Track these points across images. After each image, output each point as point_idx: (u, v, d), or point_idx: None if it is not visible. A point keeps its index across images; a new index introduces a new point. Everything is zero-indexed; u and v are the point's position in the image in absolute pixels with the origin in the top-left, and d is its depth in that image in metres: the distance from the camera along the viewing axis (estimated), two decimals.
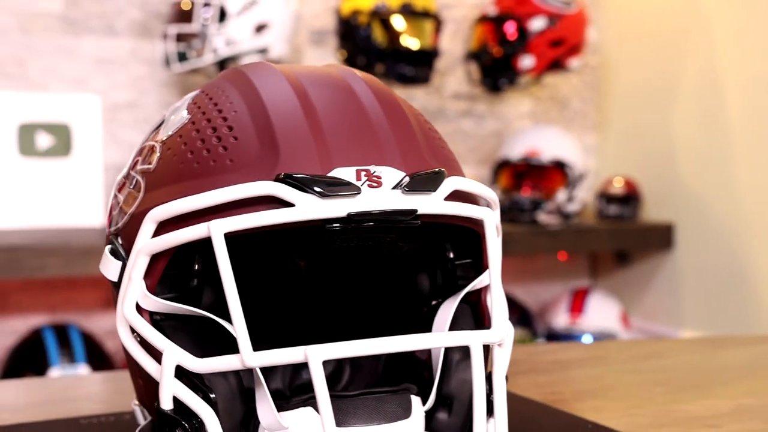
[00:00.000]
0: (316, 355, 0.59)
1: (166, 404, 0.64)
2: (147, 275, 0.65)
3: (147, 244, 0.64)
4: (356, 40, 2.57)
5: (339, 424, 0.63)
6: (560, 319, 2.91)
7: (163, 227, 0.64)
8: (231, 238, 0.71)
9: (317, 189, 0.61)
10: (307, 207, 0.61)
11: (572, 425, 0.84)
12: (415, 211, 0.63)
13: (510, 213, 2.76)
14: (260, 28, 2.41)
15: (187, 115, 0.69)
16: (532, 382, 1.03)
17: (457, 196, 0.67)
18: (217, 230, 0.61)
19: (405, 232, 0.66)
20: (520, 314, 2.88)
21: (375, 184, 0.63)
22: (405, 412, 0.65)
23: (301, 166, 0.63)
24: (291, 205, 0.61)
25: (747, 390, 1.01)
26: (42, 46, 2.46)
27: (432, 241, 0.76)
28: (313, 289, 0.87)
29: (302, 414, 0.63)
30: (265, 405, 0.64)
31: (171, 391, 0.63)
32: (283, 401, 0.65)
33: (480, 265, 0.74)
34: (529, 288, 3.16)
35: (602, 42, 3.21)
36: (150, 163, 0.69)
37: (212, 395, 0.63)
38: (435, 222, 0.67)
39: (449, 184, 0.66)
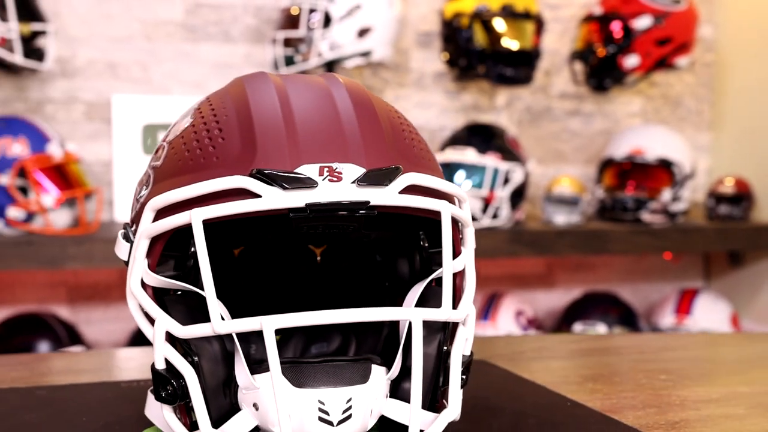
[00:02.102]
0: (269, 324, 0.69)
1: (159, 364, 0.75)
2: (148, 255, 0.76)
3: (146, 228, 0.75)
4: (458, 41, 2.65)
5: (300, 385, 0.72)
6: (666, 320, 2.90)
7: (161, 214, 0.75)
8: (253, 230, 0.82)
9: (280, 183, 0.71)
10: (272, 198, 0.71)
11: (552, 402, 0.91)
12: (368, 202, 0.71)
13: (612, 212, 2.78)
14: (363, 33, 2.52)
15: (191, 119, 0.80)
16: (544, 367, 1.09)
17: (418, 190, 0.75)
18: (196, 217, 0.71)
19: (370, 221, 0.74)
20: (622, 313, 2.89)
21: (335, 179, 0.72)
22: (362, 378, 0.74)
23: (273, 163, 0.72)
24: (259, 196, 0.71)
25: (749, 379, 1.04)
26: (164, 52, 2.65)
27: (409, 231, 0.84)
28: (327, 274, 0.96)
29: (268, 377, 0.73)
30: (241, 368, 0.75)
31: (162, 353, 0.74)
32: (257, 365, 0.75)
33: (452, 253, 0.82)
34: (638, 288, 3.15)
35: (718, 39, 3.17)
36: (158, 160, 0.80)
37: (195, 358, 0.74)
38: (398, 213, 0.75)
39: (405, 179, 0.74)
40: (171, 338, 0.75)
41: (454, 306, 0.79)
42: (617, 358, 1.16)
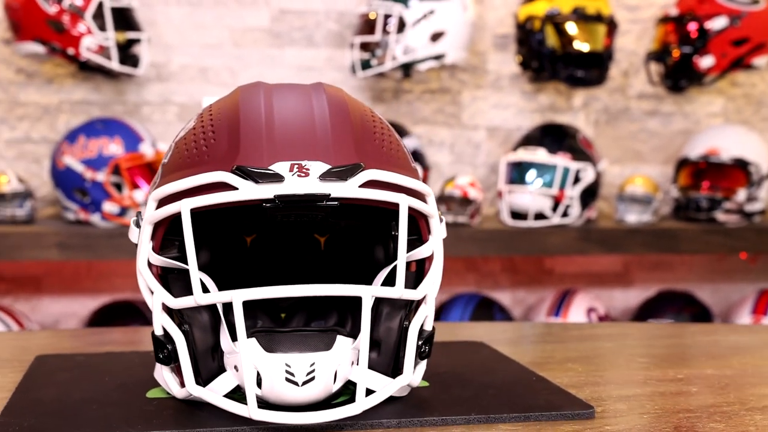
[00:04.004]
0: (238, 297, 0.81)
1: (158, 331, 0.88)
2: (152, 239, 0.90)
3: (149, 216, 0.89)
4: (530, 44, 2.73)
5: (270, 350, 0.84)
6: (743, 320, 2.90)
7: (161, 204, 0.88)
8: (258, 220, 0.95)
9: (254, 177, 0.83)
10: (246, 190, 0.83)
11: (520, 377, 0.99)
12: (329, 194, 0.83)
13: (686, 211, 2.80)
14: (436, 37, 2.63)
15: (194, 123, 0.93)
16: (537, 349, 1.18)
17: (379, 185, 0.86)
18: (185, 206, 0.84)
19: (342, 211, 0.86)
20: (696, 312, 2.91)
21: (303, 174, 0.84)
22: (326, 346, 0.86)
23: (252, 161, 0.85)
24: (237, 189, 0.83)
25: (723, 364, 1.09)
26: (251, 57, 2.82)
27: (385, 222, 0.95)
28: (329, 260, 1.08)
29: (247, 342, 0.85)
30: (224, 335, 0.88)
31: (160, 321, 0.88)
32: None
33: (421, 241, 0.92)
34: (718, 288, 3.15)
35: None
36: (166, 158, 0.93)
37: (185, 326, 0.87)
38: (367, 205, 0.86)
39: (366, 175, 0.85)
40: (169, 309, 0.88)
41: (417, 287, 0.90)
42: (612, 343, 1.23)
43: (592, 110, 3.03)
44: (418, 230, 0.92)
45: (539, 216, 2.63)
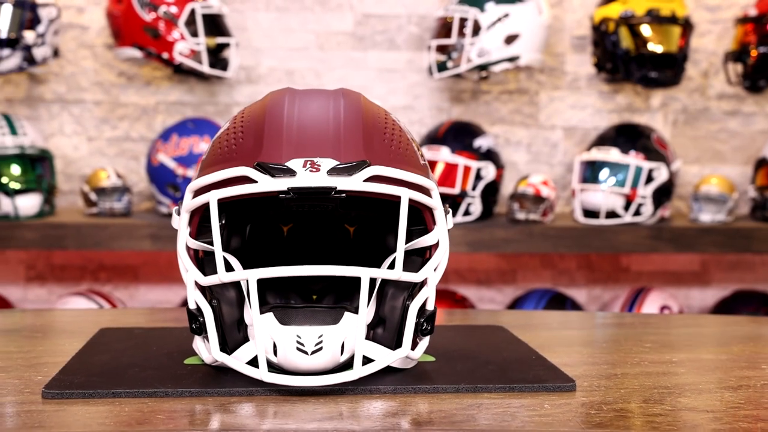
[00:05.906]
0: (252, 276, 0.94)
1: (191, 305, 1.01)
2: (189, 225, 1.03)
3: (185, 205, 1.02)
4: (605, 45, 2.78)
5: (284, 323, 0.96)
6: None
7: (196, 195, 1.01)
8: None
9: (271, 172, 0.95)
10: (264, 183, 0.95)
11: (521, 355, 1.08)
12: (335, 187, 0.95)
13: (763, 211, 2.81)
14: (511, 39, 2.71)
15: (228, 124, 1.06)
16: (551, 335, 1.26)
17: (384, 179, 0.97)
18: (213, 197, 0.97)
19: (348, 202, 0.97)
20: None
21: (315, 170, 0.96)
22: (333, 321, 0.97)
23: (271, 158, 0.97)
24: (256, 182, 0.96)
25: (723, 351, 1.14)
26: (335, 60, 2.95)
27: (394, 212, 1.05)
28: (358, 247, 1.20)
29: (264, 317, 0.97)
30: (248, 310, 1.00)
31: (193, 297, 1.01)
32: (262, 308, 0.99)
33: (426, 231, 1.03)
34: None
35: None
36: (205, 155, 1.07)
37: (214, 302, 1.00)
38: (378, 198, 0.98)
39: (370, 171, 0.96)
40: (201, 286, 1.01)
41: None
42: (626, 330, 1.30)
43: (670, 110, 3.06)
44: (424, 221, 1.03)
45: (611, 214, 2.68)
